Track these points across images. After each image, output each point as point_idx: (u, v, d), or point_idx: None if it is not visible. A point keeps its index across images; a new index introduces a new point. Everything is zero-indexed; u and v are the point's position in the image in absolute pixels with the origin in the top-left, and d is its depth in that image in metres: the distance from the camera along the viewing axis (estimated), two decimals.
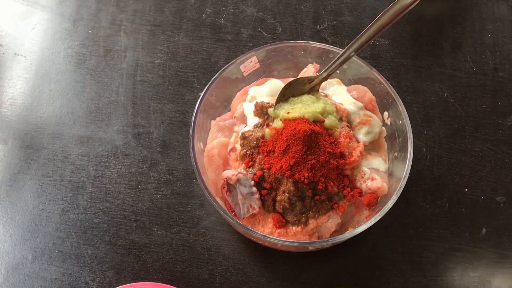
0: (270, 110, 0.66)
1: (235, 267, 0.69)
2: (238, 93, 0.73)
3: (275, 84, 0.71)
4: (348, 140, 0.64)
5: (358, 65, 0.71)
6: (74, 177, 0.75)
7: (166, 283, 0.65)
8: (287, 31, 0.87)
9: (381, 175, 0.66)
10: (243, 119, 0.70)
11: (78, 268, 0.69)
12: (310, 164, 0.61)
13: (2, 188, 0.74)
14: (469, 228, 0.72)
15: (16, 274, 0.68)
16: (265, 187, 0.62)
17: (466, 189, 0.74)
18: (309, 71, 0.72)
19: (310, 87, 0.69)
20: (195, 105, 0.68)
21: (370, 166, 0.66)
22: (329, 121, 0.64)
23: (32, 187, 0.74)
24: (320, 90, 0.70)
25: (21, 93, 0.81)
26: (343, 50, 0.66)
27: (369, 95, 0.71)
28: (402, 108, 0.67)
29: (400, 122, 0.68)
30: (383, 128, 0.70)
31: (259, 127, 0.66)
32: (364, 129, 0.67)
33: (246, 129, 0.67)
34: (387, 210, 0.61)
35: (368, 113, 0.69)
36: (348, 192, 0.63)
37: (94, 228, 0.71)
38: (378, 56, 0.84)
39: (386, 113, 0.71)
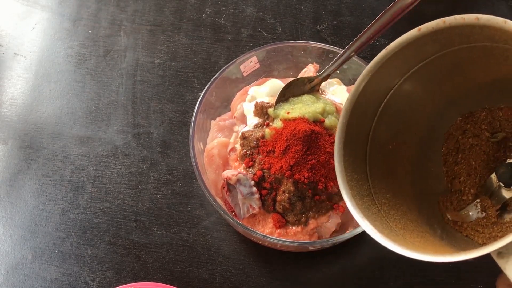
0: (270, 110, 0.66)
1: (235, 267, 0.69)
2: (238, 93, 0.73)
3: (275, 84, 0.71)
4: None
5: (358, 65, 0.71)
6: (74, 177, 0.75)
7: (166, 283, 0.65)
8: (287, 31, 0.87)
9: None
10: (243, 119, 0.70)
11: (78, 268, 0.69)
12: (310, 164, 0.61)
13: (2, 188, 0.74)
14: None
15: (16, 274, 0.68)
16: (265, 187, 0.62)
17: None
18: (309, 71, 0.72)
19: (310, 87, 0.69)
20: (195, 105, 0.68)
21: None
22: (329, 121, 0.64)
23: (32, 187, 0.74)
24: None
25: (21, 93, 0.81)
26: (343, 50, 0.66)
27: None
28: None
29: None
30: None
31: (259, 127, 0.66)
32: None
33: (246, 129, 0.67)
34: None
35: None
36: None
37: (94, 228, 0.71)
38: None
39: None
